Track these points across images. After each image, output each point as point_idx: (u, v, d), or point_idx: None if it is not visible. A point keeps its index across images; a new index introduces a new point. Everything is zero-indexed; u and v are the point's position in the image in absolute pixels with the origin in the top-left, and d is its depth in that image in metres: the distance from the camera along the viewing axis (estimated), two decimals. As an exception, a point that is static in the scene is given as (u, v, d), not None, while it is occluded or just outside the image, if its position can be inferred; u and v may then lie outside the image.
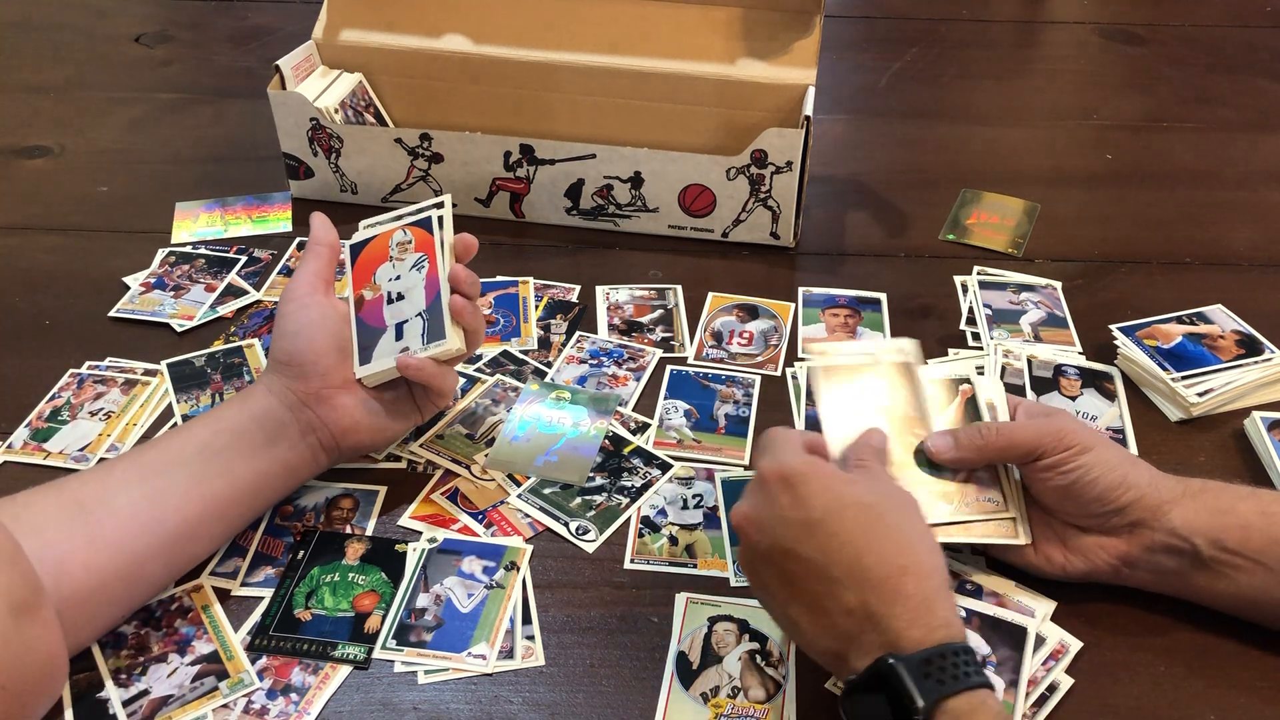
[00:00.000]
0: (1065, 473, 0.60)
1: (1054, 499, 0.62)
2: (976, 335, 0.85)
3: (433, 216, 0.71)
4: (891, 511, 0.55)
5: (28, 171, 1.09)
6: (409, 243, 0.71)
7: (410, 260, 0.70)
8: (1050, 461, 0.60)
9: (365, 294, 0.71)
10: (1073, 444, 0.60)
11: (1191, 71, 1.32)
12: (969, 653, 0.49)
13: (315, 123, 0.96)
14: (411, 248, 0.70)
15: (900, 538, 0.53)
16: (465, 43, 1.01)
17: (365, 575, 0.65)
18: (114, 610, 0.60)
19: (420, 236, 0.70)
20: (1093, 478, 0.59)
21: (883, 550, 0.52)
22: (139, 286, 0.90)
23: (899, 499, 0.56)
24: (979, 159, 1.13)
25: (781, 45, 0.96)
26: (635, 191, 0.95)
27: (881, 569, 0.52)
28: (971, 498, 0.63)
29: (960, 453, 0.63)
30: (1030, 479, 0.63)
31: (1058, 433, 0.60)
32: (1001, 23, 1.49)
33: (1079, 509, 0.61)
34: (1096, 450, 0.60)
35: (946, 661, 0.49)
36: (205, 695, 0.58)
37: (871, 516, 0.53)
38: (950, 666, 0.48)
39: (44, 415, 0.77)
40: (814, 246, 0.97)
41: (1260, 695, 0.59)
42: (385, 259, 0.71)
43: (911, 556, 0.52)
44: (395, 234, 0.71)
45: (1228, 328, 0.83)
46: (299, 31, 1.06)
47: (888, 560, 0.52)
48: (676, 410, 0.78)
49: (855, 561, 0.52)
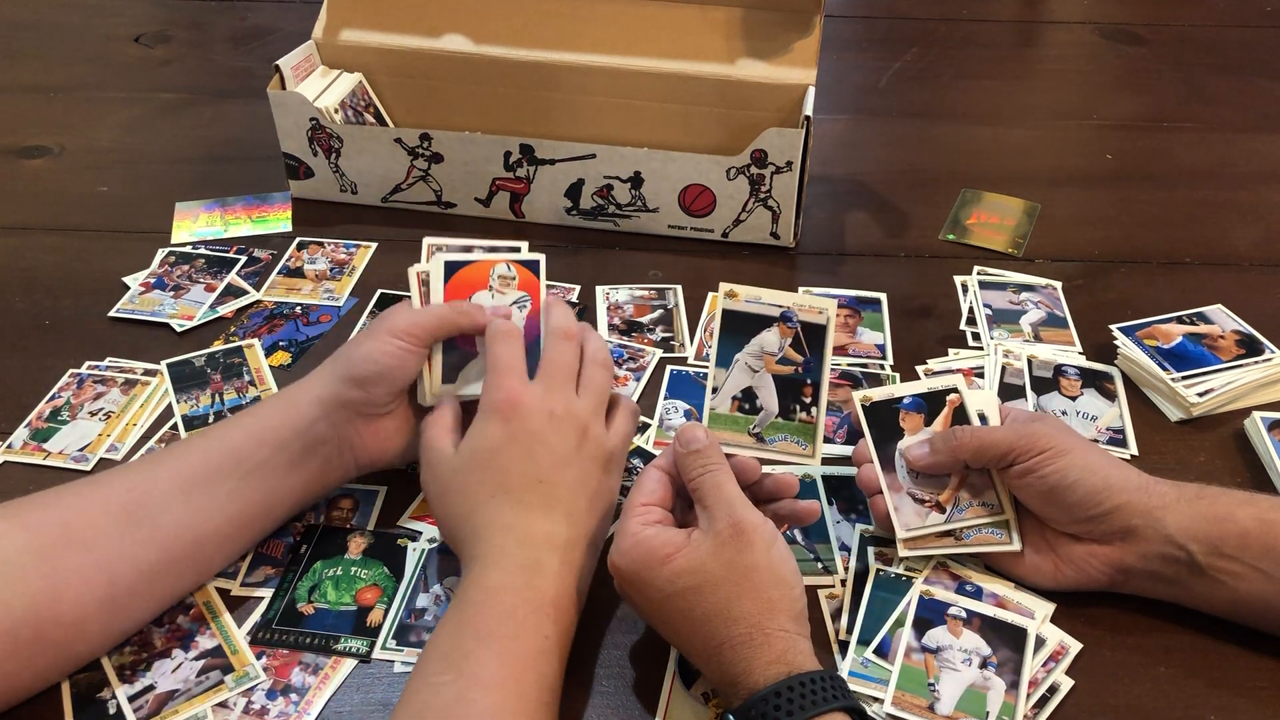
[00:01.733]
0: (1042, 477, 0.60)
1: (1038, 504, 0.62)
2: (976, 335, 0.85)
3: (540, 262, 0.70)
4: (715, 576, 0.55)
5: (28, 171, 1.09)
6: (512, 279, 0.69)
7: (512, 296, 0.69)
8: (1025, 466, 0.60)
9: None
10: (1046, 447, 0.60)
11: (1191, 71, 1.32)
12: (815, 681, 0.51)
13: (315, 123, 0.96)
14: (514, 285, 0.69)
15: (731, 606, 0.54)
16: (465, 43, 1.01)
17: (368, 569, 0.65)
18: (148, 605, 0.61)
19: (525, 276, 0.69)
20: (1070, 481, 0.59)
21: (715, 630, 0.54)
22: (139, 286, 0.90)
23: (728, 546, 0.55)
24: (979, 159, 1.13)
25: (781, 45, 0.96)
26: (635, 191, 0.95)
27: (705, 650, 0.54)
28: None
29: (935, 457, 0.63)
30: (1012, 486, 0.63)
31: (1031, 436, 0.60)
32: (1001, 23, 1.49)
33: (1064, 514, 0.61)
34: (1075, 454, 0.60)
35: (768, 705, 0.51)
36: (211, 689, 0.58)
37: (692, 599, 0.54)
38: (772, 710, 0.50)
39: (44, 415, 0.77)
40: (814, 246, 0.97)
41: (1260, 696, 0.59)
42: (485, 286, 0.69)
43: (725, 630, 0.54)
44: (498, 266, 0.70)
45: (1228, 328, 0.83)
46: (299, 31, 1.06)
47: (710, 637, 0.54)
48: (676, 410, 0.78)
49: (703, 641, 0.54)
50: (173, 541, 0.60)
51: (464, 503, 0.60)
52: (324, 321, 0.87)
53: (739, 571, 0.54)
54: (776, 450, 0.63)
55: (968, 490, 0.64)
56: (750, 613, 0.54)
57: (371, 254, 0.95)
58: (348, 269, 0.93)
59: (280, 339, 0.85)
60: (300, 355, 0.83)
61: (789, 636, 0.54)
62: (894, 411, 0.65)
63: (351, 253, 0.95)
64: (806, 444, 0.63)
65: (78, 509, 0.59)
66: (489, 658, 0.53)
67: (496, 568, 0.57)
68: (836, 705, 0.51)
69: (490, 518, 0.59)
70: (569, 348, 0.65)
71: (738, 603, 0.54)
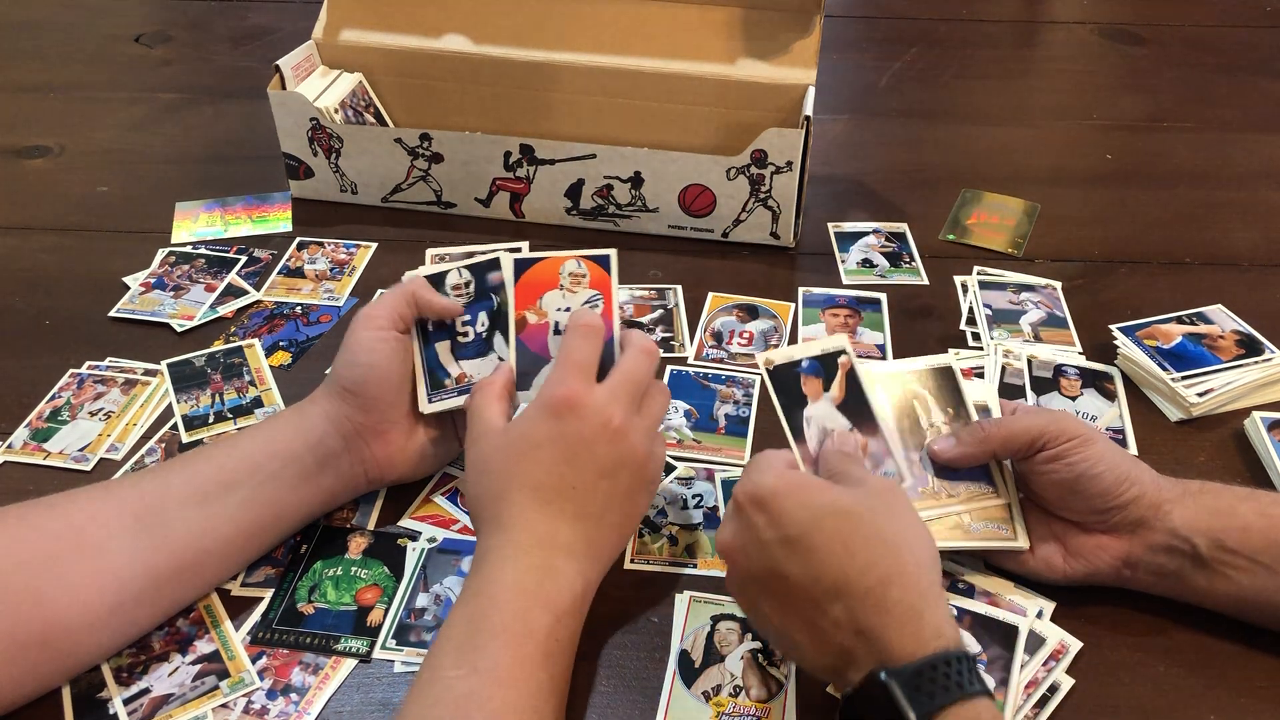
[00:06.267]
0: (1070, 464, 0.60)
1: (1057, 494, 0.61)
2: (976, 335, 0.85)
3: (611, 257, 0.68)
4: (871, 513, 0.52)
5: (28, 171, 1.09)
6: (583, 276, 0.67)
7: (583, 295, 0.67)
8: (1054, 452, 0.60)
9: (529, 316, 0.67)
10: (1076, 434, 0.60)
11: (1191, 71, 1.32)
12: (964, 660, 0.49)
13: (315, 123, 0.97)
14: (585, 283, 0.67)
15: (881, 543, 0.51)
16: (465, 43, 1.01)
17: (368, 569, 0.65)
18: (155, 613, 0.61)
19: (596, 274, 0.67)
20: (1098, 470, 0.59)
21: (865, 559, 0.51)
22: (139, 286, 0.90)
23: (881, 497, 0.54)
24: (979, 159, 1.13)
25: (781, 45, 0.96)
26: (635, 191, 0.95)
27: (865, 579, 0.50)
28: (972, 505, 0.63)
29: (963, 449, 0.63)
30: (1033, 474, 0.62)
31: (1060, 422, 0.60)
32: (1001, 23, 1.49)
33: (1084, 504, 0.61)
34: (1099, 444, 0.60)
35: (938, 673, 0.48)
36: (206, 694, 0.58)
37: (850, 524, 0.52)
38: (943, 678, 0.47)
39: (44, 415, 0.77)
40: (814, 246, 0.97)
41: (1260, 695, 0.59)
42: (555, 286, 0.67)
43: (894, 563, 0.51)
44: (568, 263, 0.67)
45: (1228, 328, 0.83)
46: (299, 31, 1.06)
47: (871, 569, 0.50)
48: (676, 410, 0.78)
49: (839, 575, 0.51)
50: (183, 549, 0.60)
51: (496, 484, 0.59)
52: (324, 322, 0.87)
53: (898, 516, 0.53)
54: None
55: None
56: (922, 559, 0.52)
57: (372, 254, 0.95)
58: (348, 269, 0.93)
59: (280, 339, 0.85)
60: (300, 355, 0.83)
61: (945, 604, 0.52)
62: (795, 376, 0.63)
63: (352, 253, 0.95)
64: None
65: (90, 514, 0.59)
66: (503, 655, 0.53)
67: (513, 565, 0.56)
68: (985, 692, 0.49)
69: (517, 511, 0.58)
70: (647, 364, 0.63)
71: (904, 540, 0.52)
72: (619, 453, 0.59)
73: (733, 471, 0.73)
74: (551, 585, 0.56)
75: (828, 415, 0.62)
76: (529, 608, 0.55)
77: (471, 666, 0.52)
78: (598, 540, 0.60)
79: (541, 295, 0.67)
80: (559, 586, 0.56)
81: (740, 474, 0.58)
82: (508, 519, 0.58)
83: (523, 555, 0.57)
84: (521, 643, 0.53)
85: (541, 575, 0.56)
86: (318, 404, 0.66)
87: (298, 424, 0.65)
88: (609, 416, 0.59)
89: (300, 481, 0.64)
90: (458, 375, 0.68)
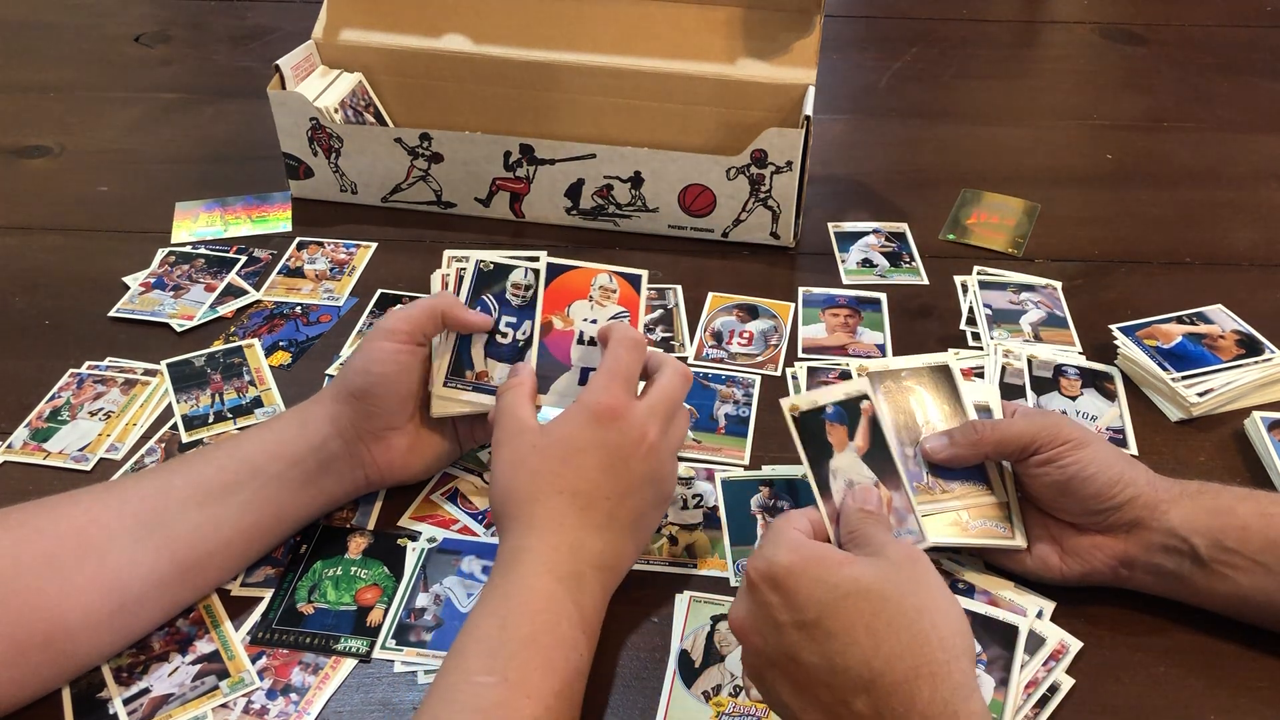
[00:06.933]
0: (1062, 467, 0.60)
1: (1051, 495, 0.62)
2: (976, 335, 0.85)
3: (643, 278, 0.69)
4: (896, 591, 0.48)
5: (28, 171, 1.09)
6: (613, 290, 0.68)
7: (611, 310, 0.68)
8: (1046, 455, 0.60)
9: (555, 321, 0.68)
10: (1069, 438, 0.60)
11: (1191, 71, 1.32)
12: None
13: (315, 123, 0.97)
14: (615, 298, 0.68)
15: (909, 629, 0.47)
16: (465, 43, 1.01)
17: (368, 569, 0.65)
18: (156, 614, 0.61)
19: (626, 291, 0.68)
20: (1090, 473, 0.60)
21: (891, 648, 0.46)
22: (139, 286, 0.90)
23: (904, 570, 0.50)
24: (979, 159, 1.13)
25: (781, 45, 0.96)
26: (635, 191, 0.95)
27: (892, 673, 0.46)
28: (970, 502, 0.63)
29: (956, 450, 0.63)
30: (1026, 476, 0.62)
31: (1053, 427, 0.61)
32: (1001, 23, 1.49)
33: (1077, 505, 0.61)
34: (1092, 446, 0.60)
35: None
36: (205, 694, 0.58)
37: (873, 605, 0.47)
38: None
39: (44, 415, 0.77)
40: (814, 246, 0.97)
41: (1260, 695, 0.59)
42: (585, 296, 0.69)
43: (923, 652, 0.46)
44: (600, 276, 0.69)
45: (1228, 328, 0.83)
46: (299, 31, 1.06)
47: (897, 661, 0.46)
48: (676, 410, 0.78)
49: (863, 666, 0.46)
50: (185, 551, 0.60)
51: (531, 485, 0.59)
52: (324, 321, 0.87)
53: (924, 592, 0.49)
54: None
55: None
56: (953, 645, 0.47)
57: (371, 254, 0.95)
58: (348, 269, 0.93)
59: (280, 339, 0.85)
60: (300, 355, 0.83)
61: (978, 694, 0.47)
62: (820, 424, 0.62)
63: (351, 252, 0.95)
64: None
65: (91, 516, 0.59)
66: (533, 666, 0.52)
67: (546, 571, 0.56)
68: None
69: (551, 515, 0.58)
70: (681, 384, 0.63)
71: (932, 624, 0.47)
72: (649, 468, 0.60)
73: (733, 471, 0.73)
74: (582, 596, 0.56)
75: (853, 467, 0.61)
76: (559, 620, 0.55)
77: (502, 675, 0.52)
78: (620, 552, 0.60)
79: (570, 303, 0.68)
80: (587, 597, 0.57)
81: (755, 546, 0.57)
82: (541, 521, 0.58)
83: (557, 561, 0.57)
84: (551, 655, 0.53)
85: (572, 585, 0.56)
86: (321, 406, 0.66)
87: (300, 426, 0.65)
88: (646, 431, 0.60)
89: (302, 484, 0.64)
90: (479, 371, 0.68)
